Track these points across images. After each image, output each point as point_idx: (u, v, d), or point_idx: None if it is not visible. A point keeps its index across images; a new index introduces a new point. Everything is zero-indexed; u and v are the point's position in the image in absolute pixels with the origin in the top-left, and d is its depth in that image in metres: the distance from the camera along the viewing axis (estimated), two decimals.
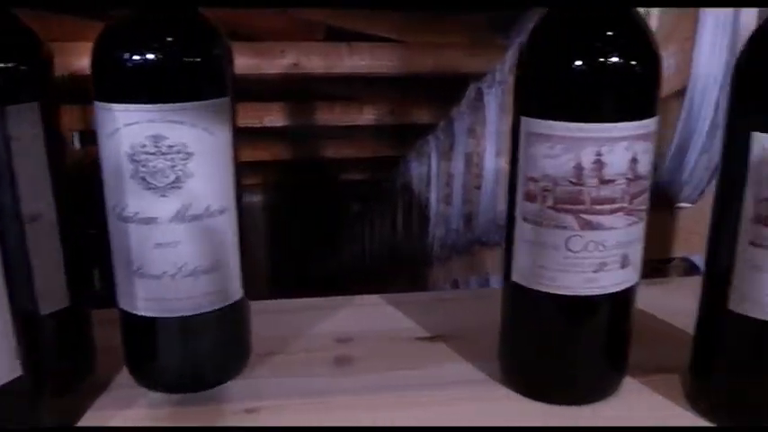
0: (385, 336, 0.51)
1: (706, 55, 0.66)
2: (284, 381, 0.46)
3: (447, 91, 0.67)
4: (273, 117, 0.68)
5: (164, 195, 0.41)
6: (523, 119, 0.40)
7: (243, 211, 0.46)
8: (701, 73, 0.66)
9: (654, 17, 0.64)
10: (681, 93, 0.67)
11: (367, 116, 0.70)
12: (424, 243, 0.70)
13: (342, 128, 0.69)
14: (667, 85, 0.50)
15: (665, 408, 0.44)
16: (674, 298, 0.55)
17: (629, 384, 0.46)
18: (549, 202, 0.40)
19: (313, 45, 0.66)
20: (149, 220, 0.42)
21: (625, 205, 0.40)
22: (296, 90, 0.67)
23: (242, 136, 0.66)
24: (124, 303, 0.45)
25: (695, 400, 0.43)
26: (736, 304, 0.39)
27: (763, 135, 0.36)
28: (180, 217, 0.42)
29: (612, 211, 0.40)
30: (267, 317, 0.52)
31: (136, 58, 0.40)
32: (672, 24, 0.65)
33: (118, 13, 0.42)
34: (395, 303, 0.56)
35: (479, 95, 0.67)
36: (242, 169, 0.46)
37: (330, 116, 0.69)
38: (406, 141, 0.70)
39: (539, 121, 0.39)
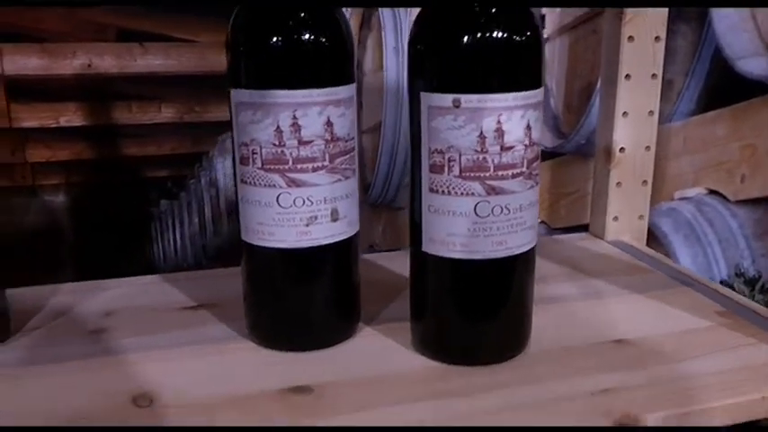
0: (150, 308, 0.54)
1: None
2: (45, 349, 0.48)
3: None
4: (70, 117, 0.70)
5: None
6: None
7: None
8: None
9: None
10: None
11: (166, 114, 0.72)
12: (231, 237, 0.73)
13: (143, 126, 0.72)
14: None
15: (393, 350, 0.48)
16: None
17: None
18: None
19: (105, 45, 0.69)
20: None
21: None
22: (91, 90, 0.69)
23: (37, 135, 0.68)
24: None
25: (414, 340, 0.48)
26: (427, 245, 0.44)
27: (427, 94, 0.42)
28: None
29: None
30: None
31: None
32: None
33: None
34: (170, 281, 0.59)
35: None
36: (41, 169, 0.47)
37: (129, 115, 0.71)
38: (209, 137, 0.73)
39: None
